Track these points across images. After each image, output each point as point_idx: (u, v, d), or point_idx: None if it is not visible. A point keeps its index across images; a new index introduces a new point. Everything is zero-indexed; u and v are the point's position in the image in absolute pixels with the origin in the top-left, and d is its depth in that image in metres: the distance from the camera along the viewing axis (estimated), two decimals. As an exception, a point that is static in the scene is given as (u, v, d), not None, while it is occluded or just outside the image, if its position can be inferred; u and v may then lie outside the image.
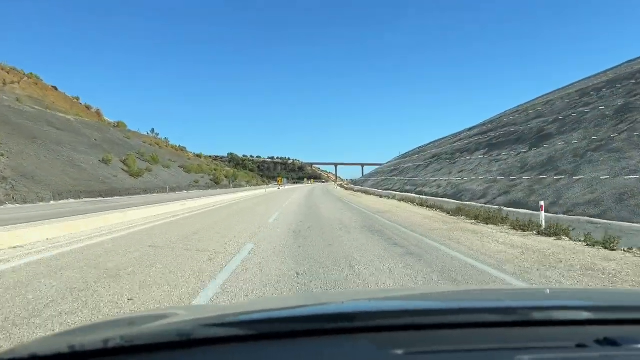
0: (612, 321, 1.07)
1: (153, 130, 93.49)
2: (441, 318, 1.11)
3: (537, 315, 1.08)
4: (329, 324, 1.04)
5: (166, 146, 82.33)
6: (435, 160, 38.73)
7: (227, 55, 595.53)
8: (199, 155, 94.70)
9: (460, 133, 49.51)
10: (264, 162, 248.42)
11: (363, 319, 1.08)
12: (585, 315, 1.06)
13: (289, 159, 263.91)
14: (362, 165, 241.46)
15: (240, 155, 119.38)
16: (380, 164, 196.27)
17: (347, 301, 1.59)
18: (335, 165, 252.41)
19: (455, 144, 40.79)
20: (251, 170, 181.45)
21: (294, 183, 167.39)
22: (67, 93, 71.62)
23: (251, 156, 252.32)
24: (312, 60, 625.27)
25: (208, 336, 0.95)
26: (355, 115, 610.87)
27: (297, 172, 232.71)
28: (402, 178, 42.17)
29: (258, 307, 1.54)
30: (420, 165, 42.72)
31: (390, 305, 1.41)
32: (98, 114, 75.18)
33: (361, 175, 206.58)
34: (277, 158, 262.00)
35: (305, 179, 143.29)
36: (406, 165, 51.30)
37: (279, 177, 63.43)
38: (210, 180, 73.27)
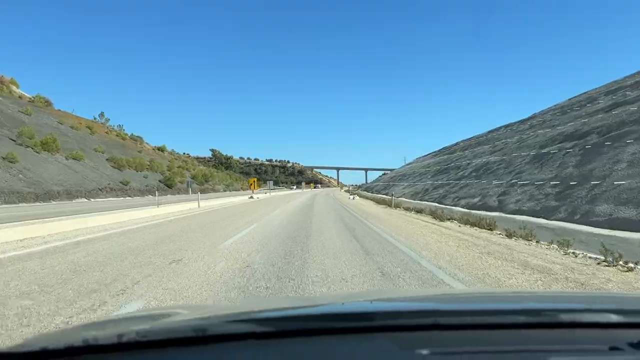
0: None
1: (102, 114, 70.23)
2: (466, 319, 1.04)
3: (565, 317, 1.02)
4: (350, 322, 1.00)
5: (107, 132, 58.97)
6: (613, 141, 15.11)
7: (228, 57, 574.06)
8: (160, 149, 70.96)
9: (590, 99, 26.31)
10: (262, 164, 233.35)
11: (384, 318, 1.05)
12: (614, 318, 1.01)
13: (288, 161, 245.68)
14: (366, 170, 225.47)
15: (226, 154, 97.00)
16: (387, 169, 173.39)
17: (365, 301, 1.54)
18: (337, 169, 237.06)
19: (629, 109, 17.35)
20: (246, 174, 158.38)
21: (295, 186, 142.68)
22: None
23: (248, 158, 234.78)
24: (315, 64, 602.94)
25: (225, 332, 0.92)
26: (356, 118, 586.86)
27: (297, 176, 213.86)
28: (524, 184, 18.46)
29: (269, 305, 1.48)
30: (553, 154, 19.07)
31: (412, 305, 1.34)
32: (1, 81, 51.88)
33: (364, 181, 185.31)
34: (276, 161, 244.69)
35: (303, 183, 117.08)
36: (479, 161, 27.85)
37: (251, 179, 37.89)
38: (160, 181, 49.77)
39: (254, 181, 35.58)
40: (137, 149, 61.87)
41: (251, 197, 32.97)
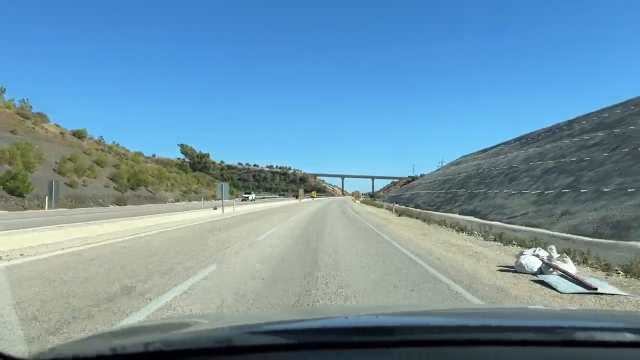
0: None
1: (24, 100, 46.83)
2: (483, 335, 1.03)
3: (580, 336, 1.00)
4: (369, 336, 1.03)
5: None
6: None
7: (229, 57, 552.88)
8: (77, 134, 45.49)
9: None
10: (261, 171, 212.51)
11: (402, 333, 1.05)
12: (629, 337, 0.99)
13: (289, 168, 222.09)
14: (373, 178, 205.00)
15: (199, 152, 75.05)
16: (395, 177, 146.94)
17: (384, 314, 1.55)
18: (342, 177, 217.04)
19: None
20: (244, 180, 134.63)
21: (293, 196, 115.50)
22: None
23: (247, 164, 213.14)
24: (319, 70, 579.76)
25: (249, 344, 0.95)
26: (362, 125, 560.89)
27: (298, 184, 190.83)
28: None
29: (289, 317, 1.53)
30: None
31: (428, 320, 1.36)
32: None
33: (371, 190, 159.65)
34: (277, 167, 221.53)
35: (301, 190, 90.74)
36: None
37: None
38: None
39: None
40: (19, 128, 37.35)
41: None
